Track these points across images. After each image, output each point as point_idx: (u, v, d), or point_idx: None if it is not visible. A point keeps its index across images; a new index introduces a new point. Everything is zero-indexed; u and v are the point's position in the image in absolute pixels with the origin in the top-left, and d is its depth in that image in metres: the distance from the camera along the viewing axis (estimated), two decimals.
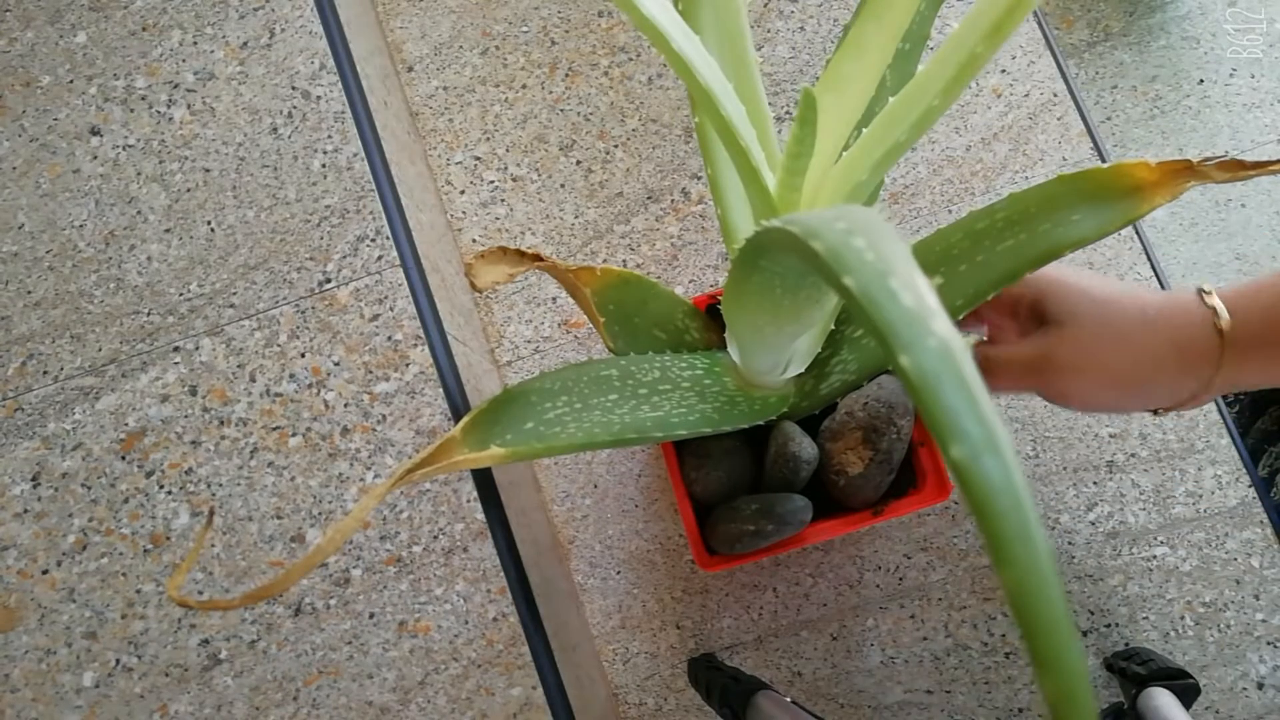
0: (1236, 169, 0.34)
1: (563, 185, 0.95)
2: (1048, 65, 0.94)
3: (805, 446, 0.42)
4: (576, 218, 0.94)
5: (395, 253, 0.71)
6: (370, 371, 0.69)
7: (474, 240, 0.95)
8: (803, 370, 0.43)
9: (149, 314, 0.71)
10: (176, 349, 0.70)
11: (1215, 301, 0.38)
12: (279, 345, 0.70)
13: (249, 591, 0.22)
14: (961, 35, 0.27)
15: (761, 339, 0.37)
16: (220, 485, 0.68)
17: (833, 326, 0.42)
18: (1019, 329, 0.45)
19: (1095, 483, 0.86)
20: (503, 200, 0.95)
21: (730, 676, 0.79)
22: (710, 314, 0.50)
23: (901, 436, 0.41)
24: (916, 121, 0.30)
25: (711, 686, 0.79)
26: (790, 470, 0.42)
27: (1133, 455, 0.86)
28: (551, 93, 0.97)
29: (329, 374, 0.69)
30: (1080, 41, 1.23)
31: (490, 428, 0.32)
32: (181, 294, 0.71)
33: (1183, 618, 0.84)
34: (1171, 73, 1.18)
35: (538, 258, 0.33)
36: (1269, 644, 0.84)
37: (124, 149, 0.74)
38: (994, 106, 0.94)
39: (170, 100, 0.74)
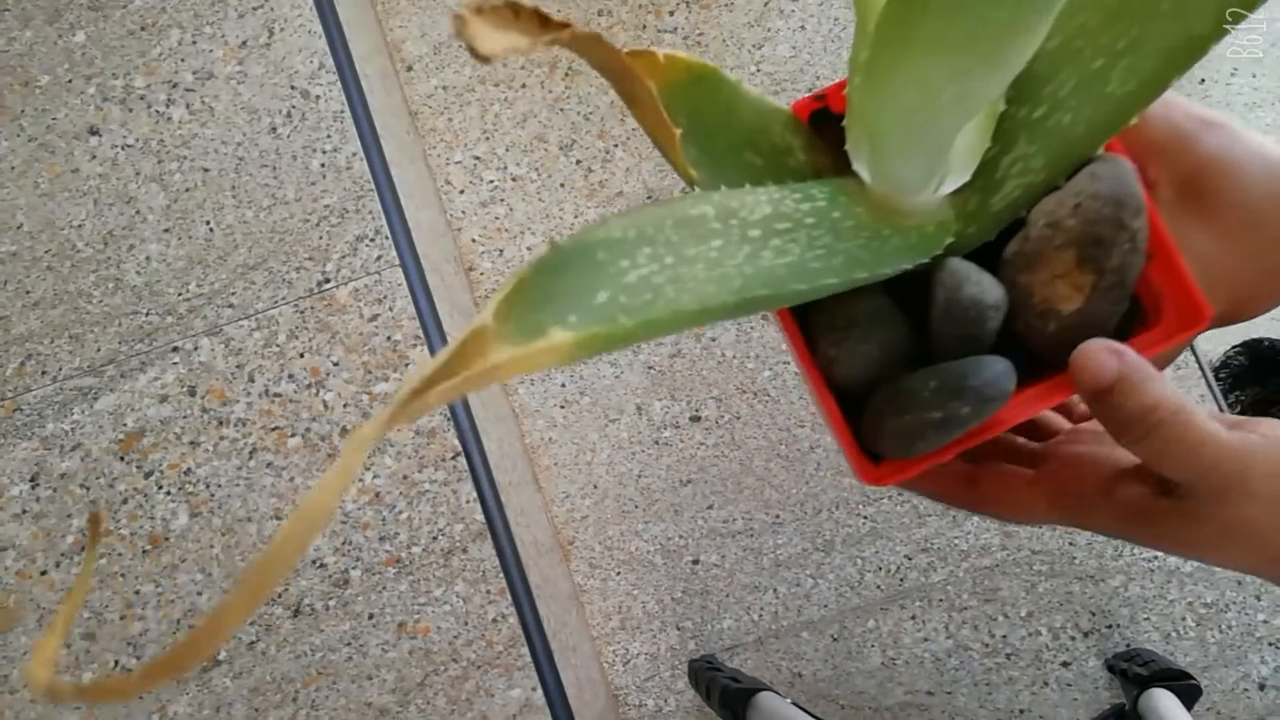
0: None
1: (563, 185, 0.95)
2: None
3: (988, 287, 0.29)
4: (576, 217, 0.94)
5: (395, 253, 0.70)
6: (370, 371, 0.69)
7: (474, 240, 0.95)
8: (964, 183, 0.31)
9: (148, 314, 0.71)
10: (175, 349, 0.70)
11: None
12: (278, 345, 0.69)
13: (149, 666, 0.13)
14: None
15: (916, 119, 0.26)
16: (219, 486, 0.67)
17: (1002, 107, 0.30)
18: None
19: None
20: (502, 200, 0.95)
21: (730, 678, 0.79)
22: (814, 128, 0.36)
23: (1138, 245, 0.28)
24: None
25: (712, 688, 0.79)
26: (972, 324, 0.29)
27: None
28: (551, 92, 0.96)
29: (328, 374, 0.69)
30: None
31: (542, 305, 0.21)
32: (180, 294, 0.71)
33: (1184, 619, 0.84)
34: None
35: (566, 25, 0.20)
36: (1270, 645, 0.83)
37: (123, 149, 0.74)
38: None
39: (169, 100, 0.74)
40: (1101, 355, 0.26)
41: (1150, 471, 0.27)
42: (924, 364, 0.31)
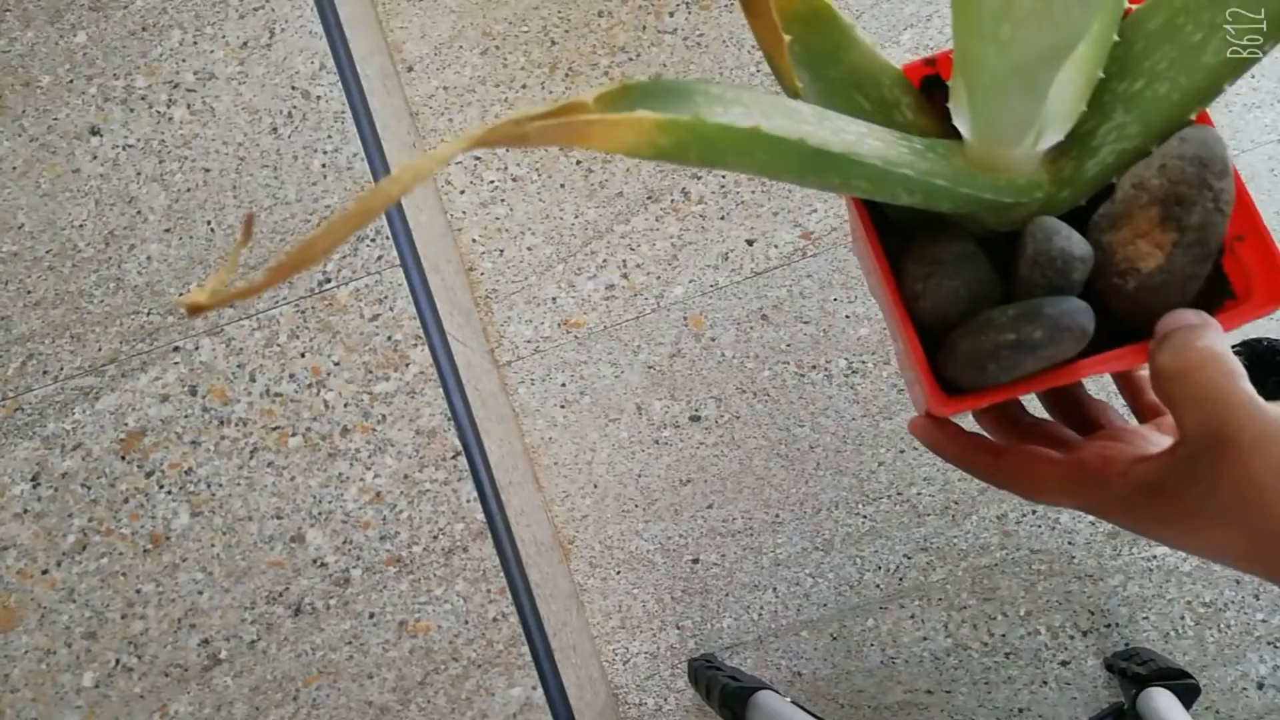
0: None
1: (563, 185, 0.95)
2: None
3: (1076, 241, 0.30)
4: (576, 218, 0.94)
5: (395, 253, 0.71)
6: (370, 371, 0.69)
7: (474, 240, 0.95)
8: (1059, 142, 0.31)
9: (149, 314, 0.71)
10: (176, 349, 0.70)
11: None
12: (279, 345, 0.70)
13: (275, 266, 0.16)
14: None
15: (1011, 51, 0.26)
16: (220, 485, 0.68)
17: (1100, 75, 0.30)
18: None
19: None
20: (503, 200, 0.95)
21: (730, 676, 0.80)
22: (925, 93, 0.37)
23: (1221, 205, 0.28)
24: None
25: (711, 686, 0.79)
26: (1058, 274, 0.30)
27: None
28: (551, 93, 0.97)
29: (329, 374, 0.69)
30: None
31: (637, 101, 0.22)
32: (181, 294, 0.71)
33: (1183, 618, 0.84)
34: None
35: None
36: (1269, 644, 0.84)
37: (124, 149, 0.74)
38: None
39: (170, 100, 0.74)
40: (1187, 313, 0.28)
41: (1167, 455, 0.28)
42: None
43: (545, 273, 0.94)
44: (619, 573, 0.88)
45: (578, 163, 0.95)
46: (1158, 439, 0.32)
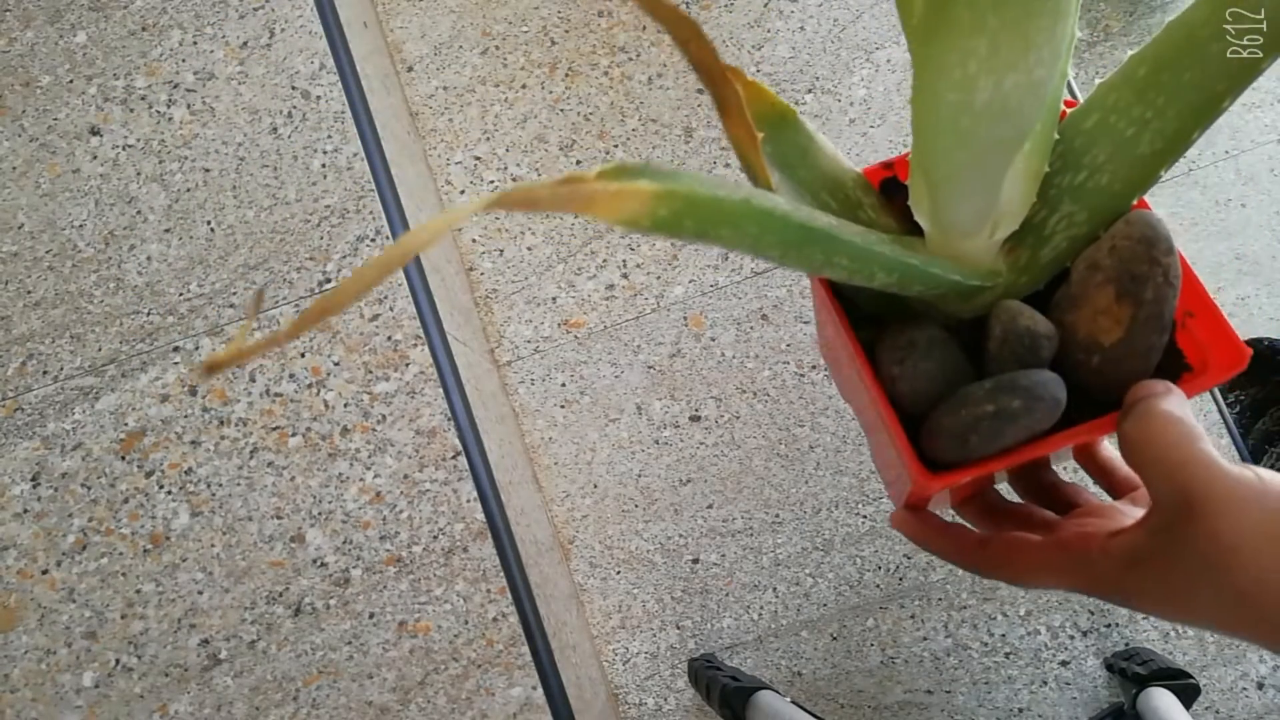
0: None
1: None
2: None
3: (1040, 321, 0.32)
4: (576, 218, 0.94)
5: None
6: (370, 371, 0.69)
7: (474, 240, 0.95)
8: (1014, 233, 0.34)
9: (149, 314, 0.71)
10: (176, 349, 0.70)
11: None
12: (279, 345, 0.70)
13: (298, 319, 0.17)
14: None
15: (962, 126, 0.27)
16: (220, 485, 0.68)
17: (1046, 170, 0.33)
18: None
19: (1096, 483, 0.86)
20: None
21: (730, 676, 0.80)
22: (884, 195, 0.40)
23: (1170, 279, 0.31)
24: None
25: (711, 686, 0.79)
26: (1027, 351, 0.32)
27: None
28: (551, 93, 0.97)
29: (329, 374, 0.69)
30: (1080, 41, 1.23)
31: (634, 176, 0.24)
32: (181, 294, 0.71)
33: None
34: None
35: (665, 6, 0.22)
36: None
37: (124, 149, 0.74)
38: None
39: (170, 100, 0.74)
40: (1152, 383, 0.30)
41: (1141, 524, 0.28)
42: None
43: (545, 273, 0.94)
44: (619, 573, 0.88)
45: (577, 163, 0.95)
46: (1133, 512, 0.32)
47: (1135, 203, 0.32)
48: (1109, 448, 0.37)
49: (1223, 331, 0.33)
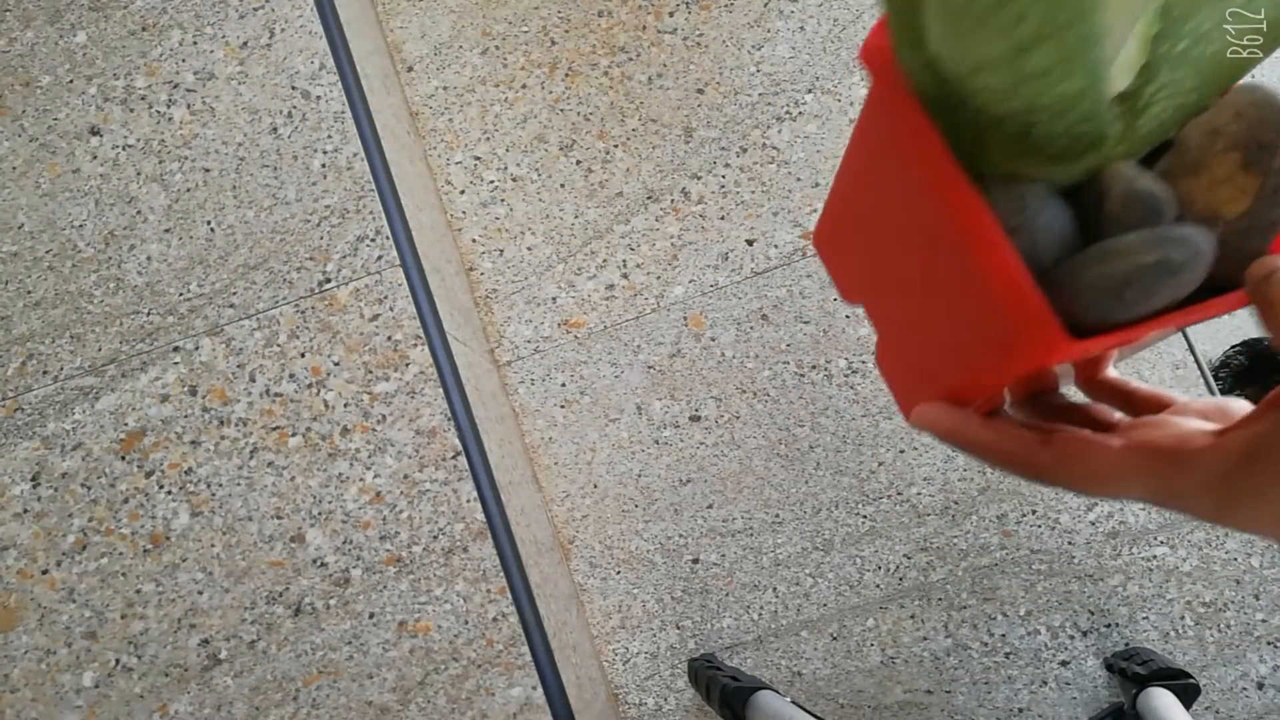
0: None
1: (563, 185, 0.95)
2: None
3: (1160, 185, 0.29)
4: (576, 218, 0.94)
5: (395, 253, 0.71)
6: (370, 371, 0.69)
7: (474, 240, 0.95)
8: (1118, 93, 0.31)
9: (149, 314, 0.71)
10: (176, 349, 0.70)
11: None
12: (279, 345, 0.70)
13: None
14: None
15: None
16: (220, 485, 0.68)
17: (1155, 30, 0.30)
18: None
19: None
20: (503, 200, 0.95)
21: (730, 676, 0.80)
22: None
23: None
24: None
25: (711, 686, 0.79)
26: (1151, 213, 0.29)
27: None
28: (551, 93, 0.97)
29: (329, 374, 0.69)
30: None
31: None
32: (181, 294, 0.71)
33: (1183, 618, 0.84)
34: None
35: None
36: (1269, 644, 0.84)
37: (124, 149, 0.74)
38: None
39: (170, 100, 0.74)
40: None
41: (1272, 412, 0.24)
42: None
43: (545, 273, 0.94)
44: (619, 573, 0.88)
45: (577, 162, 0.95)
46: (1191, 422, 0.29)
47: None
48: (1113, 371, 0.34)
49: None
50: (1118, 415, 0.31)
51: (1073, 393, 0.35)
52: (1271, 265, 0.26)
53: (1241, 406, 0.29)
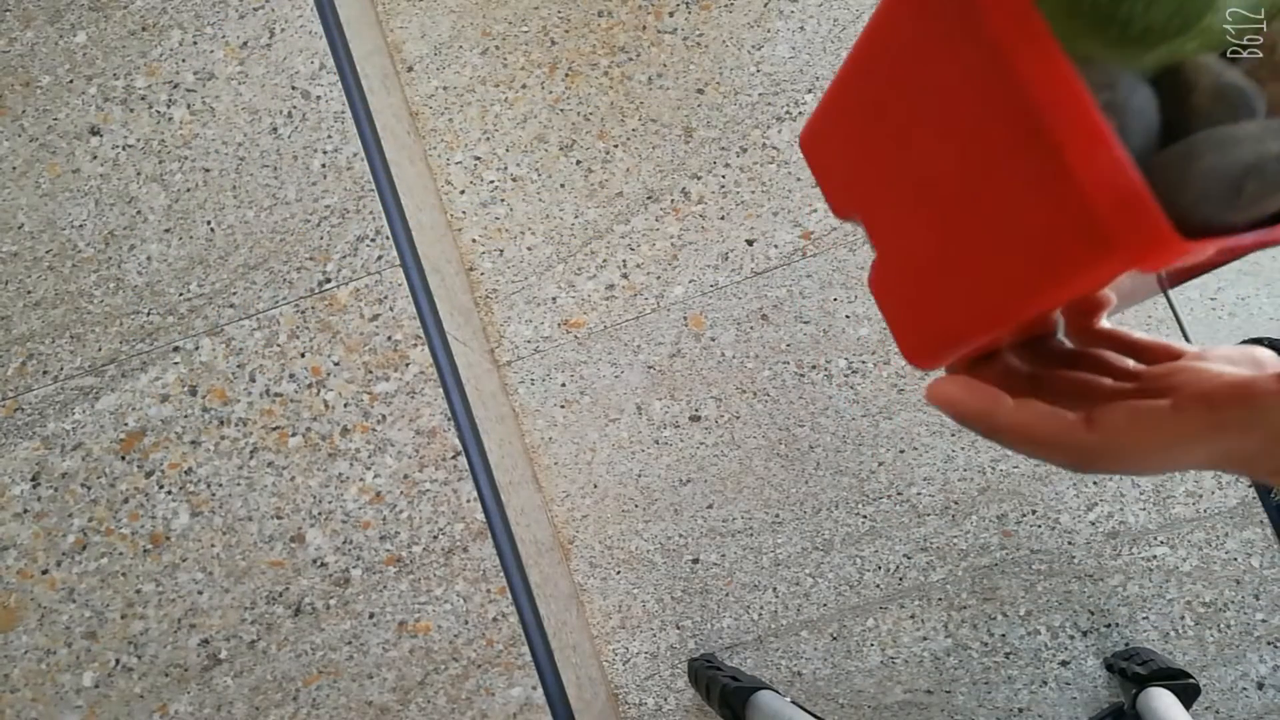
0: None
1: (563, 185, 0.95)
2: None
3: (1247, 81, 0.26)
4: (576, 218, 0.94)
5: (395, 253, 0.71)
6: (370, 371, 0.69)
7: (474, 240, 0.95)
8: None
9: (149, 314, 0.71)
10: (176, 349, 0.70)
11: None
12: (279, 345, 0.70)
13: None
14: None
15: None
16: (220, 485, 0.68)
17: None
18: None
19: (1095, 482, 0.86)
20: (503, 200, 0.95)
21: (730, 676, 0.80)
22: None
23: None
24: None
25: (711, 686, 0.79)
26: (1245, 108, 0.26)
27: None
28: (551, 93, 0.97)
29: (329, 374, 0.69)
30: None
31: None
32: (181, 294, 0.71)
33: (1183, 618, 0.84)
34: None
35: None
36: (1269, 644, 0.84)
37: (124, 149, 0.74)
38: None
39: (170, 100, 0.74)
40: None
41: None
42: None
43: (545, 273, 0.94)
44: (619, 573, 0.88)
45: (577, 162, 0.95)
46: (1217, 363, 0.25)
47: None
48: (1106, 321, 0.30)
49: None
50: (1131, 362, 0.27)
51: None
52: None
53: (1270, 356, 0.26)
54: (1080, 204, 0.22)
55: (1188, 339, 0.90)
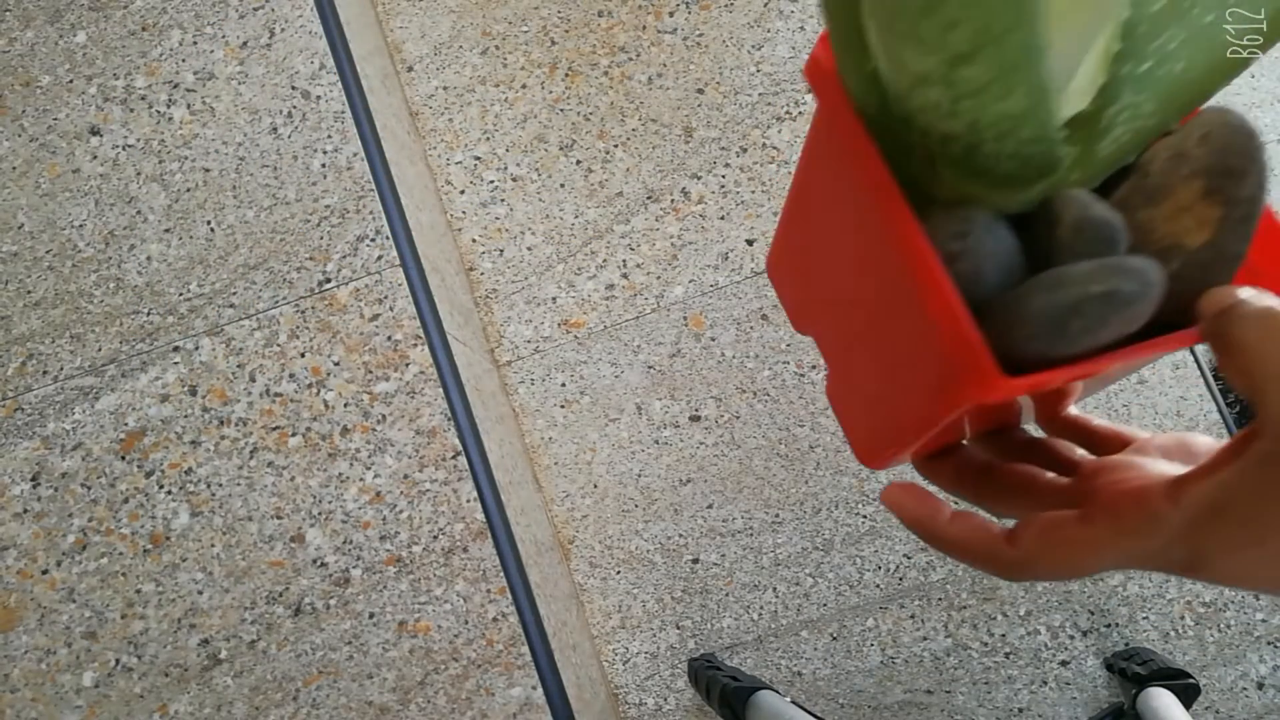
0: None
1: (563, 185, 0.95)
2: None
3: (1114, 213, 0.28)
4: (576, 217, 0.94)
5: (395, 253, 0.71)
6: (370, 371, 0.69)
7: (474, 240, 0.95)
8: (1074, 115, 0.29)
9: (149, 314, 0.71)
10: (176, 349, 0.70)
11: None
12: (279, 345, 0.70)
13: None
14: None
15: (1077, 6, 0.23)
16: (220, 485, 0.68)
17: (1115, 50, 0.28)
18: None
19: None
20: (503, 200, 0.95)
21: (730, 676, 0.80)
22: None
23: (1264, 179, 0.27)
24: None
25: (711, 686, 0.79)
26: (1104, 243, 0.28)
27: None
28: (551, 93, 0.97)
29: (329, 374, 0.69)
30: None
31: None
32: (181, 294, 0.71)
33: (1183, 618, 0.84)
34: None
35: None
36: (1269, 644, 0.84)
37: (124, 149, 0.74)
38: None
39: (170, 100, 0.74)
40: (1242, 288, 0.25)
41: (1232, 458, 0.23)
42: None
43: (545, 273, 0.94)
44: (619, 573, 0.88)
45: (577, 162, 0.95)
46: (1153, 463, 0.27)
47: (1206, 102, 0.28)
48: (1074, 409, 0.32)
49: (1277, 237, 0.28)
50: (1079, 453, 0.30)
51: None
52: (1227, 298, 0.25)
53: (1203, 444, 0.27)
54: (928, 348, 0.26)
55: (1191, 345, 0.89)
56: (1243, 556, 0.22)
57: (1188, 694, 0.77)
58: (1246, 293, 0.25)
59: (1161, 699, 0.75)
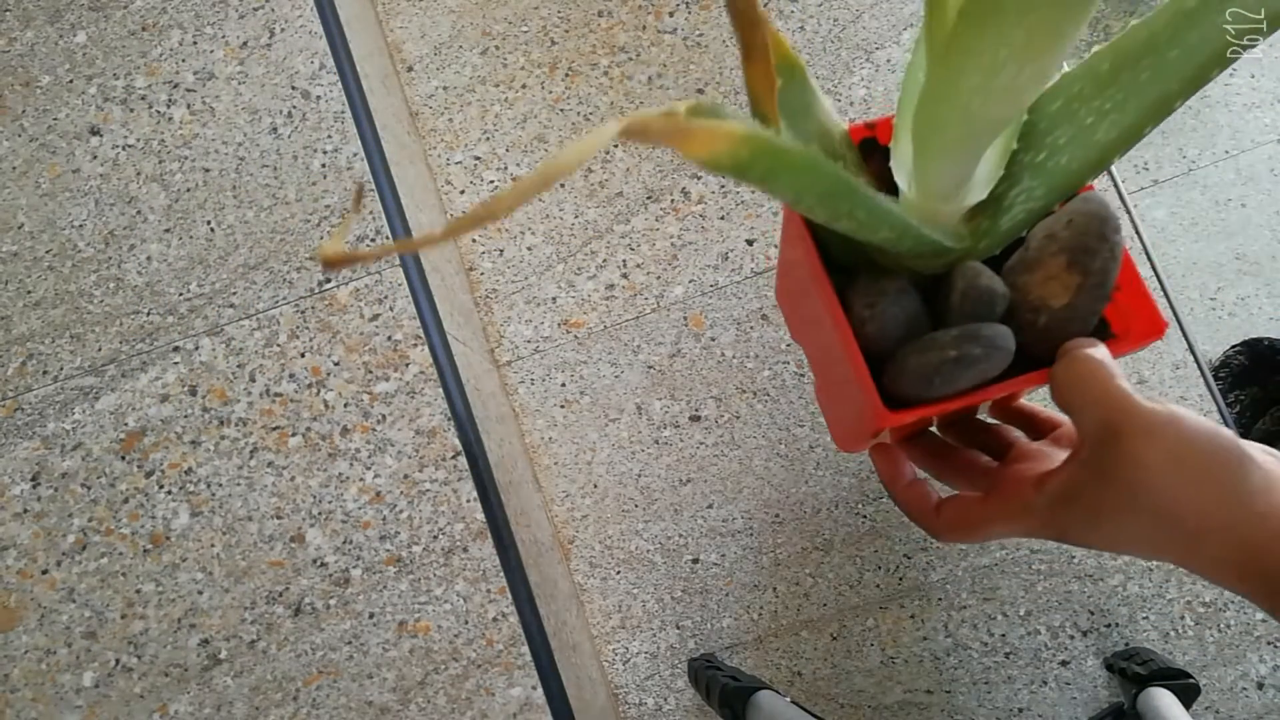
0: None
1: (563, 185, 0.95)
2: None
3: (997, 281, 0.36)
4: (576, 217, 0.94)
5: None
6: (370, 371, 0.69)
7: (474, 240, 0.95)
8: (979, 202, 0.36)
9: (149, 314, 0.71)
10: (176, 349, 0.70)
11: None
12: (279, 345, 0.70)
13: (453, 224, 0.19)
14: None
15: (973, 107, 0.28)
16: (220, 485, 0.68)
17: (1014, 147, 0.35)
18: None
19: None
20: None
21: (730, 676, 0.79)
22: (862, 150, 0.42)
23: (1116, 255, 0.34)
24: None
25: (711, 686, 0.79)
26: (984, 306, 0.35)
27: None
28: (551, 93, 0.97)
29: (329, 374, 0.69)
30: (1080, 41, 1.23)
31: (718, 115, 0.26)
32: (181, 294, 0.71)
33: (1183, 618, 0.84)
34: None
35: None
36: (1269, 644, 0.84)
37: (124, 149, 0.74)
38: None
39: (170, 100, 0.74)
40: (1079, 340, 0.33)
41: (1071, 460, 0.30)
42: None
43: (545, 273, 0.94)
44: (619, 573, 0.88)
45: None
46: (1057, 452, 0.35)
47: (1087, 185, 0.36)
48: (1024, 401, 0.41)
49: (1146, 306, 0.37)
50: (1015, 435, 0.39)
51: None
52: (1066, 346, 0.33)
53: (1061, 453, 0.36)
54: (854, 383, 0.37)
55: (1189, 340, 0.90)
56: (1089, 532, 0.30)
57: (1188, 694, 0.77)
58: (1077, 342, 0.33)
59: (1161, 699, 0.75)
